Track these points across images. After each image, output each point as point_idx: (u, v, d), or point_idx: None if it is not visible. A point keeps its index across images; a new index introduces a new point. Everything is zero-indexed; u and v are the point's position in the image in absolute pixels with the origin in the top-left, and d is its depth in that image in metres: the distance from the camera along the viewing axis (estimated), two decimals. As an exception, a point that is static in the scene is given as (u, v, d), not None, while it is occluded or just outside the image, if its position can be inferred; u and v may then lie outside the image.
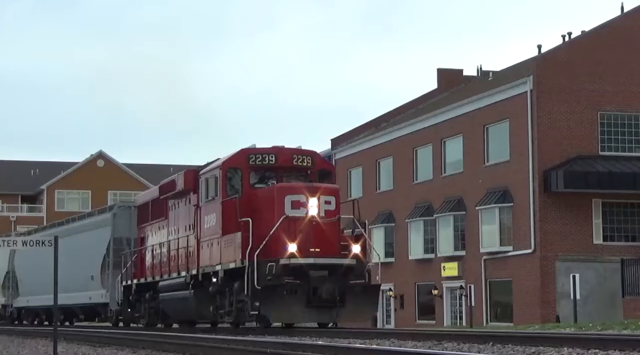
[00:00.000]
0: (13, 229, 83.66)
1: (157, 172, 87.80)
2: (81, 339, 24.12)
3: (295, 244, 23.55)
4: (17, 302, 48.00)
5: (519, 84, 44.33)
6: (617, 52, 44.33)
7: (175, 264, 28.75)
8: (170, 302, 28.97)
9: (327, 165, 27.58)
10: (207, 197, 26.25)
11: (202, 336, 21.17)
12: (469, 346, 14.39)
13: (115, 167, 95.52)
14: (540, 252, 42.77)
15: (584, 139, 43.52)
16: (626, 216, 44.07)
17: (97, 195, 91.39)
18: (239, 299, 24.45)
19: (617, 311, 39.54)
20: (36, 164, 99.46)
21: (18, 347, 22.58)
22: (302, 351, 13.96)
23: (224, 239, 24.96)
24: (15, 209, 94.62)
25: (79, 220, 42.17)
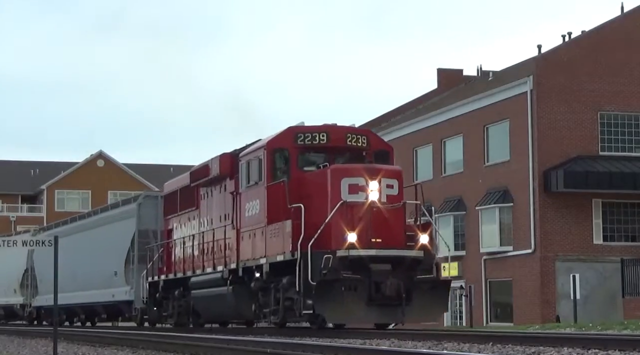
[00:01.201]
0: (13, 229, 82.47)
1: (157, 172, 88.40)
2: (81, 339, 23.64)
3: (354, 234, 20.76)
4: (36, 301, 45.67)
5: (519, 84, 44.01)
6: (617, 52, 44.13)
7: (209, 257, 26.07)
8: (204, 299, 26.38)
9: (385, 145, 24.34)
10: (249, 182, 23.47)
11: (202, 336, 20.80)
12: (469, 346, 14.34)
13: (115, 167, 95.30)
14: (540, 252, 42.53)
15: (584, 139, 43.23)
16: (626, 216, 43.69)
17: (97, 195, 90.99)
18: (287, 296, 21.83)
19: (617, 311, 39.16)
20: (36, 164, 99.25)
21: (18, 347, 22.30)
22: (302, 351, 13.84)
23: (270, 228, 22.28)
24: (15, 209, 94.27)
25: (102, 213, 39.55)
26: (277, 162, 22.90)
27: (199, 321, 28.22)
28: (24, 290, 46.80)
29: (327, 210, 21.27)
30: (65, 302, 40.31)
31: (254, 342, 16.60)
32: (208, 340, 18.15)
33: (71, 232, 41.85)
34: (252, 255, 23.31)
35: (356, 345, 15.06)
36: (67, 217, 51.99)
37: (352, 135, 23.18)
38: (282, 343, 15.62)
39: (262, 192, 22.97)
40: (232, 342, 17.52)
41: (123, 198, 39.02)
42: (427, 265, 21.61)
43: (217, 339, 18.81)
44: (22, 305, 47.19)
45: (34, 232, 47.63)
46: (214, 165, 25.90)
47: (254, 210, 23.30)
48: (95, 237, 38.24)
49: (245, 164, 23.88)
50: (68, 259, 40.29)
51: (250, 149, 24.07)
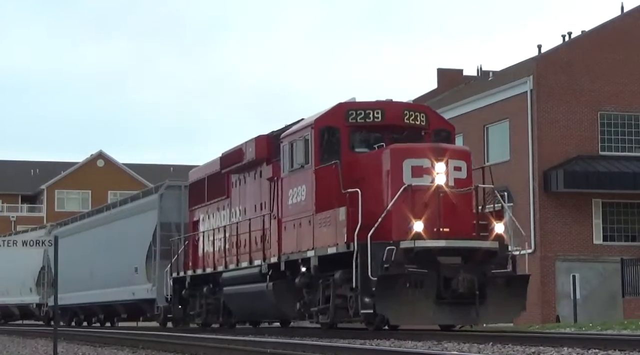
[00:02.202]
0: (13, 228, 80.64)
1: (157, 172, 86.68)
2: (81, 339, 22.97)
3: (421, 222, 18.12)
4: (53, 301, 42.69)
5: (519, 84, 42.44)
6: (617, 52, 42.80)
7: (245, 251, 23.45)
8: (238, 297, 23.74)
9: (446, 124, 21.55)
10: (292, 166, 20.85)
11: (202, 336, 20.08)
12: (469, 346, 13.97)
13: (115, 167, 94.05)
14: (540, 252, 41.10)
15: (584, 139, 41.69)
16: (626, 216, 42.21)
17: (97, 195, 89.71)
18: (339, 293, 19.34)
19: (617, 311, 37.73)
20: (36, 164, 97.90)
21: (18, 347, 21.62)
22: (302, 351, 13.49)
23: (319, 217, 19.58)
24: (15, 209, 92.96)
25: (120, 206, 36.75)
26: (326, 143, 20.19)
27: (229, 320, 25.75)
28: (40, 289, 44.60)
29: (386, 195, 18.71)
30: (83, 301, 38.51)
31: (254, 342, 16.15)
32: (208, 340, 17.67)
33: (88, 227, 39.65)
34: (296, 247, 20.67)
35: (356, 345, 14.73)
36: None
37: (410, 113, 20.44)
38: (282, 343, 15.26)
39: (309, 176, 20.27)
40: (232, 342, 16.98)
41: (142, 189, 36.21)
42: (502, 258, 18.99)
43: (217, 339, 18.18)
44: (39, 305, 44.94)
45: (50, 227, 45.62)
46: (249, 149, 23.32)
47: (299, 197, 20.65)
48: (114, 231, 35.76)
49: (288, 145, 21.16)
50: (85, 256, 38.07)
51: (294, 128, 21.28)
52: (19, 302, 47.14)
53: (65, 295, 40.35)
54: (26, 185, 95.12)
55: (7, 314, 50.55)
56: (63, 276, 41.91)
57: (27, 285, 46.21)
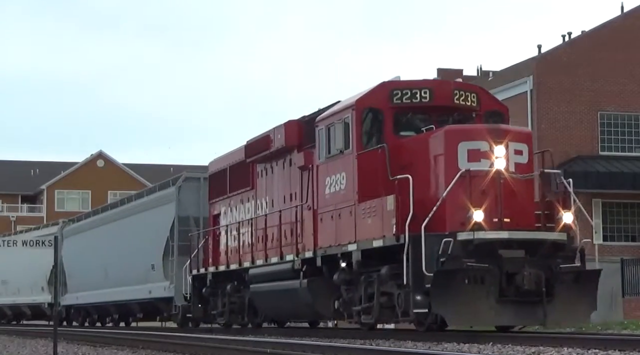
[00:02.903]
0: (13, 228, 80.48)
1: (157, 172, 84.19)
2: (81, 339, 22.35)
3: (481, 211, 15.71)
4: (65, 300, 39.98)
5: (519, 84, 41.14)
6: (617, 52, 41.63)
7: (274, 245, 21.09)
8: (267, 295, 21.31)
9: (499, 105, 19.14)
10: (329, 152, 18.51)
11: (202, 336, 19.62)
12: (469, 346, 13.62)
13: (115, 167, 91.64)
14: None
15: (584, 139, 40.44)
16: (626, 216, 40.80)
17: (97, 195, 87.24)
18: (384, 291, 16.98)
19: (617, 311, 37.78)
20: (36, 164, 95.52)
21: (18, 347, 21.04)
22: (302, 351, 13.20)
23: (363, 206, 17.19)
24: (15, 209, 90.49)
25: (136, 200, 33.81)
26: (369, 125, 17.89)
27: (255, 320, 23.29)
28: (52, 288, 41.04)
29: (439, 182, 16.45)
30: (96, 300, 35.74)
31: (253, 342, 15.47)
32: (208, 340, 17.00)
33: (102, 223, 36.64)
34: (335, 241, 18.32)
35: (356, 345, 14.11)
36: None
37: (460, 92, 18.04)
38: (282, 343, 14.63)
39: (349, 162, 17.90)
40: (232, 342, 16.31)
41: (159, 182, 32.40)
42: (570, 251, 16.58)
43: (217, 339, 17.52)
44: (50, 304, 41.84)
45: (62, 224, 42.54)
46: (278, 135, 20.97)
47: (338, 186, 18.32)
48: (129, 227, 32.91)
49: (325, 130, 18.78)
50: (99, 253, 35.22)
51: (332, 111, 18.91)
52: (31, 301, 44.07)
53: (78, 294, 38.05)
54: (26, 185, 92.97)
55: (19, 314, 47.55)
56: (76, 275, 39.54)
57: (38, 284, 43.29)
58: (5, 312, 48.17)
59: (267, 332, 21.12)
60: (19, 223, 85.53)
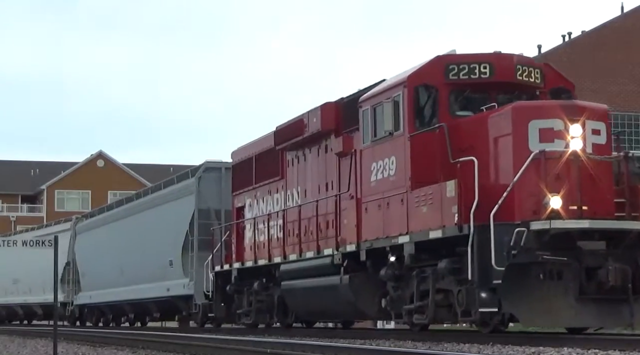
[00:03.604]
0: (13, 228, 78.13)
1: (157, 172, 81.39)
2: (81, 339, 21.47)
3: (558, 197, 13.33)
4: (79, 299, 37.00)
5: None
6: (617, 52, 41.12)
7: (310, 238, 18.66)
8: (301, 293, 18.87)
9: (564, 81, 16.71)
10: (376, 135, 16.09)
11: (202, 336, 18.71)
12: (469, 346, 12.86)
13: (115, 167, 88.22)
14: None
15: None
16: None
17: (97, 195, 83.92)
18: (441, 288, 14.75)
19: None
20: (36, 164, 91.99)
21: (18, 347, 20.17)
22: (302, 351, 12.44)
23: (417, 194, 14.80)
24: (15, 209, 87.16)
25: (152, 193, 30.86)
26: (422, 104, 15.48)
27: (285, 320, 20.75)
28: (65, 286, 38.03)
29: (505, 166, 14.08)
30: (111, 299, 32.70)
31: (253, 342, 14.89)
32: (208, 340, 16.30)
33: (117, 217, 33.54)
34: (383, 232, 15.90)
35: (356, 345, 13.55)
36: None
37: (523, 68, 15.65)
38: (282, 343, 14.07)
39: (401, 145, 15.48)
40: (232, 342, 15.65)
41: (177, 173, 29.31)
42: None
43: (217, 339, 16.77)
44: (63, 304, 38.08)
45: (75, 220, 38.97)
46: (312, 119, 18.59)
47: (386, 172, 15.87)
48: (146, 221, 29.94)
49: (370, 110, 16.38)
50: (114, 249, 32.42)
51: (379, 89, 16.46)
52: (43, 301, 40.28)
53: (92, 293, 35.03)
54: (26, 185, 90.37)
55: (30, 313, 44.14)
56: (89, 272, 36.32)
57: (50, 282, 40.15)
58: (16, 311, 44.97)
59: (268, 332, 19.81)
60: (19, 223, 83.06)
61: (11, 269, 41.67)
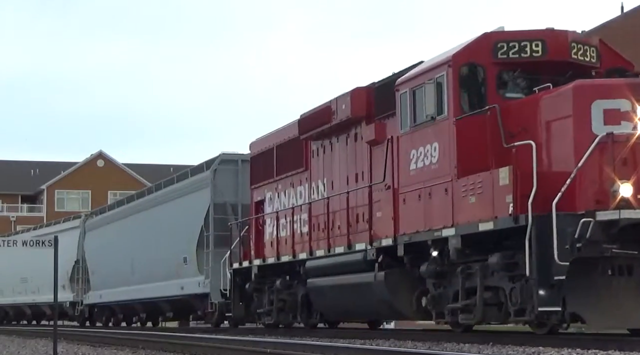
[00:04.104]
0: (13, 229, 76.77)
1: (157, 172, 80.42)
2: (81, 339, 20.94)
3: (629, 185, 11.88)
4: (88, 298, 35.09)
5: None
6: None
7: (339, 233, 17.16)
8: (330, 291, 17.29)
9: (622, 60, 15.05)
10: (415, 120, 14.61)
11: (202, 336, 18.26)
12: (469, 346, 12.52)
13: (115, 167, 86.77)
14: None
15: None
16: None
17: (97, 195, 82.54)
18: (491, 285, 13.32)
19: None
20: (36, 164, 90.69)
21: (18, 347, 19.55)
22: (302, 351, 12.25)
23: (464, 182, 13.38)
24: (15, 209, 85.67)
25: (165, 187, 28.86)
26: (468, 85, 13.97)
27: (310, 320, 19.08)
28: (75, 285, 36.26)
29: (565, 150, 12.66)
30: (122, 298, 30.83)
31: (253, 342, 14.66)
32: (208, 340, 16.01)
33: (128, 213, 31.70)
34: (424, 225, 14.41)
35: (356, 345, 13.31)
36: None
37: (578, 46, 14.19)
38: (282, 343, 13.89)
39: (444, 130, 14.04)
40: (232, 342, 15.37)
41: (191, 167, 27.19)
42: None
43: (217, 339, 16.48)
44: (72, 303, 36.45)
45: (85, 217, 37.08)
46: (341, 105, 17.10)
47: (428, 160, 14.41)
48: (158, 217, 28.12)
49: (409, 93, 14.85)
50: (125, 246, 30.61)
51: (419, 70, 14.92)
52: (51, 300, 38.76)
53: (102, 292, 33.09)
54: (26, 185, 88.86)
55: (38, 313, 41.93)
56: (99, 271, 34.35)
57: (59, 281, 37.87)
58: (24, 311, 42.90)
59: (267, 332, 19.15)
60: (19, 223, 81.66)
61: (19, 267, 39.62)
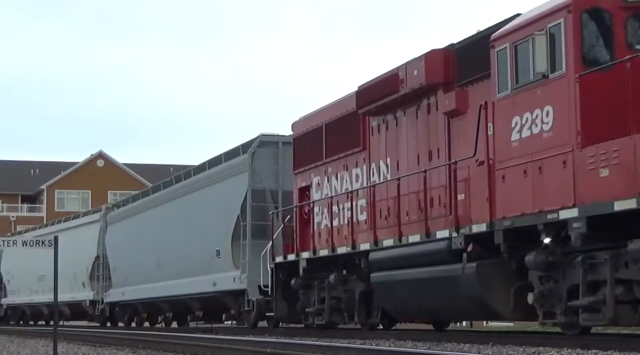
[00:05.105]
0: (13, 229, 74.13)
1: (157, 172, 78.11)
2: (81, 339, 20.11)
3: None
4: (109, 296, 31.58)
5: None
6: None
7: (414, 218, 14.10)
8: (401, 286, 14.17)
9: None
10: (517, 81, 11.74)
11: (202, 336, 17.47)
12: (469, 346, 12.02)
13: (115, 167, 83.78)
14: None
15: None
16: None
17: (97, 195, 79.56)
18: (624, 278, 10.50)
19: None
20: (36, 164, 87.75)
21: (18, 347, 18.83)
22: (302, 351, 11.77)
23: (591, 153, 10.54)
24: (15, 209, 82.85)
25: (195, 175, 24.61)
26: (591, 36, 11.12)
27: (370, 320, 15.98)
28: (95, 282, 32.77)
29: None
30: (146, 295, 27.42)
31: (253, 342, 14.11)
32: (208, 340, 15.46)
33: (154, 204, 28.11)
34: (532, 206, 11.44)
35: (356, 345, 12.67)
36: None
37: None
38: (282, 343, 13.34)
39: (562, 89, 11.12)
40: (232, 342, 14.82)
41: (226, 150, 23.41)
42: None
43: (217, 339, 15.93)
44: (92, 302, 32.94)
45: (105, 210, 33.45)
46: (413, 71, 14.07)
47: (537, 127, 11.48)
48: (188, 206, 24.65)
49: (509, 49, 11.93)
50: (150, 240, 27.19)
51: (522, 20, 11.99)
52: (70, 299, 34.63)
53: (124, 290, 29.64)
54: (26, 185, 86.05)
55: None
56: (121, 267, 30.84)
57: (79, 279, 34.01)
58: (42, 311, 39.15)
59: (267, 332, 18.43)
60: (19, 223, 79.04)
61: (36, 264, 35.94)
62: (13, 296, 41.45)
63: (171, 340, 15.38)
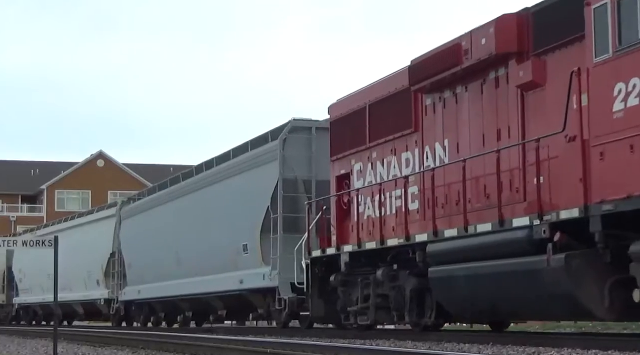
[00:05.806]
0: (13, 228, 72.38)
1: (157, 172, 76.52)
2: (81, 339, 19.69)
3: None
4: (125, 294, 29.26)
5: None
6: None
7: (483, 205, 12.12)
8: (468, 281, 12.16)
9: None
10: (621, 42, 9.81)
11: (202, 336, 17.00)
12: (468, 346, 11.63)
13: (115, 167, 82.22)
14: None
15: None
16: None
17: (97, 195, 78.03)
18: None
19: None
20: (36, 164, 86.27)
21: (18, 347, 18.50)
22: (302, 351, 11.43)
23: None
24: (15, 209, 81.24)
25: (217, 165, 22.55)
26: None
27: (422, 321, 13.99)
28: (110, 280, 30.60)
29: None
30: (164, 294, 25.20)
31: (254, 342, 13.85)
32: (208, 340, 15.04)
33: (173, 197, 25.62)
34: (639, 187, 9.40)
35: (356, 345, 12.26)
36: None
37: None
38: (282, 343, 12.89)
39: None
40: (232, 342, 14.41)
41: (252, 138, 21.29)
42: None
43: (217, 339, 15.47)
44: (107, 301, 30.75)
45: (121, 204, 31.20)
46: (480, 40, 12.14)
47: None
48: (211, 198, 22.34)
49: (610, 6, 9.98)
50: (169, 235, 24.90)
51: None
52: (84, 298, 32.60)
53: (140, 287, 27.30)
54: (26, 185, 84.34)
55: (70, 313, 35.81)
56: (137, 263, 28.32)
57: (93, 276, 31.89)
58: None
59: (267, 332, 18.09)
60: (19, 223, 77.50)
61: (48, 262, 33.88)
62: (25, 295, 39.23)
63: (171, 341, 14.99)
